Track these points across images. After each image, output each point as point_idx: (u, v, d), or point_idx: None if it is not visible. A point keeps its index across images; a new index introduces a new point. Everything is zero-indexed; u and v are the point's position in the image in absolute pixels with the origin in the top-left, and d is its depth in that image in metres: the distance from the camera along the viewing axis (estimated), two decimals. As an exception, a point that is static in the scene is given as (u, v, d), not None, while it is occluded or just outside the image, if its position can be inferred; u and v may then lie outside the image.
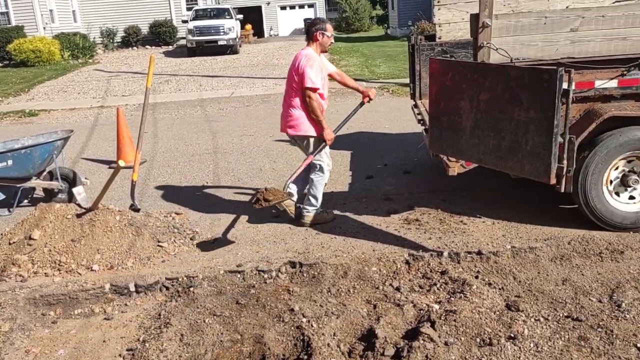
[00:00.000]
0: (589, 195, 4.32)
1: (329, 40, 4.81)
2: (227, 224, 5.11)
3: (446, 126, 4.18)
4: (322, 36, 4.74)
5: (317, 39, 4.74)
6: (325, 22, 4.87)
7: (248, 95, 13.01)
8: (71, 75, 18.49)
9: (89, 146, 8.66)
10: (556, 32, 4.19)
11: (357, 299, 3.81)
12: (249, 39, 30.03)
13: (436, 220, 4.92)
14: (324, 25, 4.77)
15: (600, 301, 3.63)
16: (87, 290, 4.11)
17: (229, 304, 3.85)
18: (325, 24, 4.81)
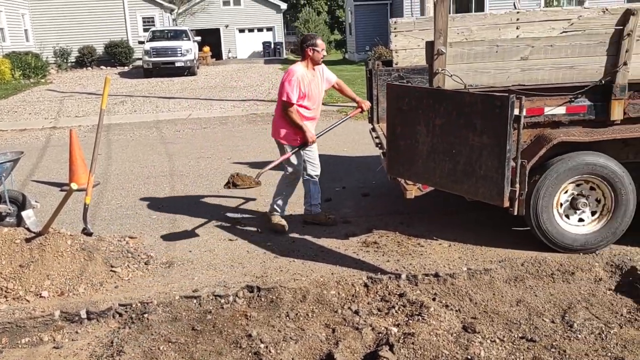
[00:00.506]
0: (541, 217, 4.44)
1: (319, 55, 5.00)
2: (183, 247, 5.01)
3: (403, 150, 4.24)
4: (313, 52, 4.96)
5: (308, 55, 4.99)
6: (316, 37, 5.09)
7: (205, 117, 12.92)
8: (22, 95, 17.98)
9: (39, 168, 8.40)
10: (507, 61, 4.33)
11: (316, 323, 3.79)
12: (207, 61, 29.97)
13: (394, 242, 4.96)
14: (314, 41, 4.99)
15: (553, 322, 3.72)
16: (35, 318, 3.94)
17: (184, 330, 3.76)
18: (315, 40, 5.03)
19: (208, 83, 20.11)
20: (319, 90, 5.15)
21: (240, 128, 11.35)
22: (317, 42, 5.01)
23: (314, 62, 5.04)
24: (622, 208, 4.44)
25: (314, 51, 4.97)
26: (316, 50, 4.97)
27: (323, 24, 40.48)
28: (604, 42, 4.31)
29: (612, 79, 4.36)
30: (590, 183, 4.47)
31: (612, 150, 4.48)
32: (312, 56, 4.99)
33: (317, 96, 5.10)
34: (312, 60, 5.03)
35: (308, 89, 4.98)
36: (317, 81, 5.10)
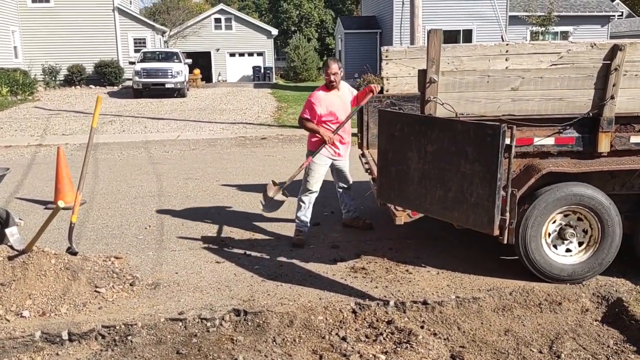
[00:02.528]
0: (529, 247, 4.46)
1: (327, 78, 5.51)
2: (169, 269, 4.95)
3: (394, 176, 4.26)
4: (324, 75, 5.59)
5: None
6: (329, 60, 5.61)
7: (194, 138, 12.91)
8: (8, 112, 17.86)
9: (24, 185, 8.29)
10: (498, 91, 4.39)
11: (303, 349, 3.74)
12: (197, 84, 30.04)
13: (382, 268, 4.94)
14: (326, 64, 5.59)
15: (541, 352, 3.71)
16: (15, 338, 3.84)
17: (169, 354, 3.69)
18: (328, 62, 5.59)
19: (198, 105, 20.13)
20: (343, 107, 5.57)
21: (229, 150, 11.34)
22: (327, 64, 5.55)
23: (327, 86, 5.54)
24: (608, 239, 4.47)
25: (324, 74, 5.60)
26: (325, 73, 5.56)
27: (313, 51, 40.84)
28: (592, 75, 4.40)
29: (599, 111, 4.43)
30: (578, 214, 4.51)
31: (599, 182, 4.53)
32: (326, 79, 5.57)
33: (339, 112, 5.51)
34: (325, 84, 5.58)
35: (325, 108, 5.47)
36: (339, 100, 5.56)
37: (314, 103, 5.52)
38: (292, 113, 17.08)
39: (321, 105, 5.50)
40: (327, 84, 5.53)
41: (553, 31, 24.44)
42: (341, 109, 5.56)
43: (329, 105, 5.51)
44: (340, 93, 5.60)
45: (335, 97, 5.56)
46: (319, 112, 5.48)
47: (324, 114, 5.49)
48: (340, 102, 5.58)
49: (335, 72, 5.45)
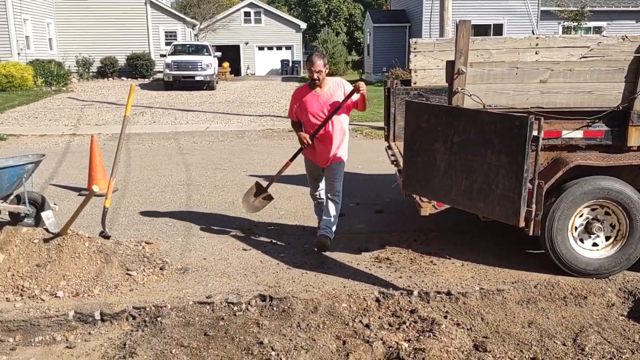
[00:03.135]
0: (555, 240, 4.44)
1: (310, 75, 4.89)
2: (197, 255, 5.07)
3: (420, 167, 4.28)
4: (308, 72, 4.94)
5: None
6: (312, 54, 4.93)
7: (223, 130, 13.07)
8: (43, 102, 18.30)
9: (58, 172, 8.53)
10: (526, 83, 4.37)
11: (327, 335, 3.80)
12: (225, 77, 30.32)
13: (407, 259, 4.98)
14: (309, 59, 4.89)
15: (565, 344, 3.71)
16: (49, 317, 4.00)
17: (196, 335, 3.79)
18: (311, 57, 4.88)
19: (226, 98, 20.34)
20: (323, 108, 4.96)
21: (257, 142, 11.47)
22: (312, 60, 4.84)
23: (310, 84, 4.99)
24: (636, 234, 4.43)
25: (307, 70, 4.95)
26: (308, 70, 4.94)
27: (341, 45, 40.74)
28: (622, 68, 4.34)
29: (629, 105, 4.38)
30: (606, 208, 4.48)
31: (628, 176, 4.49)
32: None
33: (316, 113, 4.96)
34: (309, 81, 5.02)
35: (302, 107, 5.02)
36: (317, 100, 4.96)
37: (292, 103, 5.14)
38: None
39: (297, 103, 5.07)
40: (311, 82, 4.96)
41: (586, 26, 23.97)
42: (319, 109, 4.96)
43: (305, 104, 5.00)
44: (322, 92, 4.96)
45: (314, 96, 4.98)
46: (295, 111, 5.11)
47: (300, 113, 5.07)
48: (319, 103, 4.96)
49: (319, 69, 4.82)
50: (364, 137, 12.03)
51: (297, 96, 5.09)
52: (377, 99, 19.06)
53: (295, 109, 5.11)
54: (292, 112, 5.17)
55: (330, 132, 5.02)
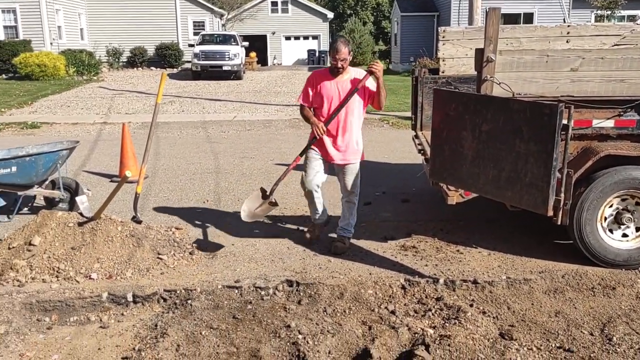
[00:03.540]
0: (584, 230, 4.40)
1: (334, 63, 4.61)
2: (226, 241, 5.16)
3: (447, 155, 4.28)
4: (330, 58, 4.67)
5: None
6: (336, 41, 4.62)
7: (250, 119, 13.17)
8: (75, 91, 18.66)
9: (90, 159, 8.73)
10: (557, 71, 4.33)
11: (353, 320, 3.85)
12: (252, 66, 30.44)
13: (433, 248, 4.99)
14: (330, 46, 4.79)
15: (592, 334, 3.68)
16: (84, 298, 4.13)
17: (225, 317, 3.88)
18: (335, 44, 4.60)
19: (253, 87, 20.45)
20: (339, 96, 4.64)
21: (284, 132, 11.53)
22: (337, 47, 4.54)
23: (331, 71, 4.68)
24: (669, 225, 4.36)
25: (330, 58, 4.68)
26: (331, 57, 4.63)
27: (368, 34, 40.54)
28: (657, 56, 4.27)
29: (664, 94, 4.30)
30: (636, 198, 4.42)
31: (661, 167, 4.41)
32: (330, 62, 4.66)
33: (332, 100, 4.64)
34: (329, 68, 4.71)
35: (319, 92, 4.68)
36: (338, 90, 4.64)
37: (308, 86, 4.74)
38: (346, 96, 17.10)
39: (314, 87, 4.69)
40: (332, 69, 4.63)
41: (619, 15, 23.38)
42: (338, 97, 4.64)
43: (323, 89, 4.65)
44: (343, 79, 4.64)
45: (335, 83, 4.64)
46: (311, 99, 4.73)
47: (315, 99, 4.71)
48: (338, 90, 4.63)
49: (344, 57, 4.52)
50: (390, 126, 12.00)
51: (316, 80, 4.71)
52: (404, 88, 19.03)
53: (312, 94, 4.72)
54: (307, 96, 4.75)
55: (345, 123, 4.66)
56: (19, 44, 22.50)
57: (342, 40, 4.59)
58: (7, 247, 4.54)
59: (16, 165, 5.45)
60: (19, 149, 5.83)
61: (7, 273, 4.33)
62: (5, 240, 4.65)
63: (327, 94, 4.65)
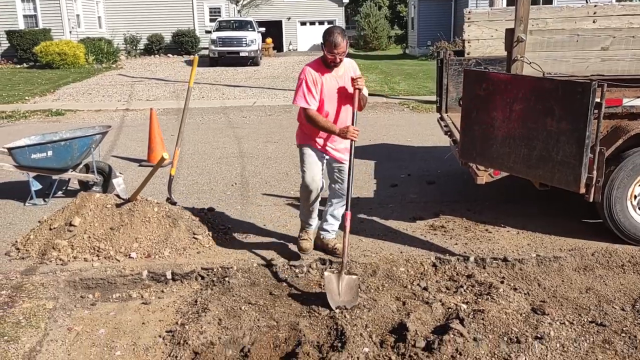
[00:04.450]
0: (614, 209, 4.44)
1: (331, 57, 4.00)
2: (257, 221, 5.27)
3: (478, 135, 4.34)
4: (323, 51, 4.05)
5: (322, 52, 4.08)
6: (333, 34, 3.98)
7: (270, 105, 13.25)
8: (95, 79, 18.86)
9: (117, 145, 8.89)
10: (587, 50, 4.35)
11: (387, 296, 3.95)
12: (269, 52, 30.46)
13: (461, 227, 5.06)
14: (328, 38, 3.98)
15: (624, 309, 3.74)
16: (125, 276, 4.27)
17: (263, 294, 4.00)
18: (331, 37, 3.97)
19: (271, 73, 20.50)
20: (341, 93, 4.18)
21: (304, 116, 11.58)
22: (334, 42, 3.94)
23: (325, 64, 4.10)
24: (699, 203, 4.38)
25: (323, 51, 4.03)
26: (327, 51, 4.00)
27: (384, 19, 40.30)
28: (689, 34, 4.27)
29: (695, 72, 4.31)
30: (667, 176, 4.44)
31: (692, 145, 4.43)
32: (325, 54, 4.04)
33: (335, 99, 4.17)
34: (323, 61, 4.11)
35: (321, 94, 4.11)
36: (336, 84, 4.15)
37: (309, 86, 4.05)
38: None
39: (317, 89, 4.09)
40: (327, 62, 4.07)
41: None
42: (336, 93, 4.16)
43: (323, 86, 4.10)
44: (339, 74, 4.16)
45: (333, 77, 4.13)
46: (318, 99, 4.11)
47: (324, 102, 4.14)
48: (337, 85, 4.15)
49: (343, 50, 4.00)
50: (410, 110, 12.01)
51: (314, 76, 4.07)
52: (423, 73, 19.00)
53: (316, 93, 4.08)
54: (313, 96, 4.06)
55: (344, 121, 4.21)
56: (38, 32, 22.75)
57: (338, 32, 4.00)
58: (49, 227, 4.69)
59: (52, 149, 5.60)
60: (53, 134, 5.98)
61: (49, 252, 4.48)
62: (46, 221, 4.81)
63: (330, 90, 4.13)
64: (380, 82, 17.07)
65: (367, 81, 16.63)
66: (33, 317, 3.69)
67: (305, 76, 4.09)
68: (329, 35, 4.00)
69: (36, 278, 4.17)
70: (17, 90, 15.77)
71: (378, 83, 16.94)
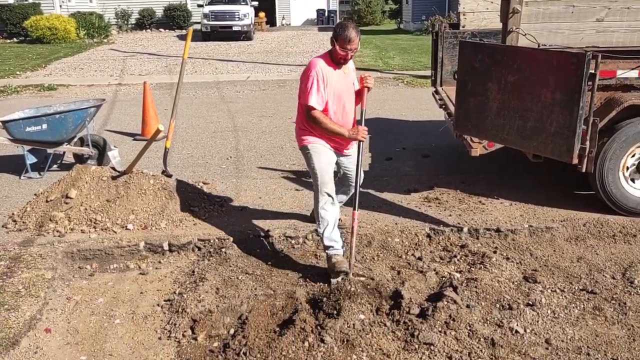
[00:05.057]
0: (606, 180, 4.50)
1: (343, 54, 3.74)
2: (253, 194, 5.30)
3: (472, 107, 4.36)
4: (334, 46, 3.76)
5: (331, 48, 3.81)
6: (347, 28, 3.70)
7: (264, 79, 13.17)
8: (87, 54, 18.64)
9: (111, 119, 8.85)
10: (582, 22, 4.35)
11: (382, 265, 4.01)
12: (262, 27, 30.09)
13: (455, 199, 5.11)
14: (340, 34, 3.69)
15: (614, 278, 3.82)
16: (122, 247, 4.31)
17: (259, 264, 4.05)
18: (344, 32, 3.68)
19: (264, 48, 20.32)
20: (349, 91, 3.97)
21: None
22: (348, 35, 3.67)
23: (334, 60, 3.81)
24: (690, 174, 4.44)
25: (333, 45, 3.75)
26: (336, 46, 3.73)
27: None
28: (683, 5, 4.28)
29: (689, 44, 4.33)
30: (659, 148, 4.49)
31: (684, 117, 4.47)
32: (334, 50, 3.76)
33: (345, 98, 3.92)
34: (334, 56, 3.80)
35: (331, 92, 3.82)
36: (344, 82, 3.92)
37: (319, 84, 3.73)
38: (357, 56, 16.99)
39: (327, 87, 3.78)
40: (337, 59, 3.78)
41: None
42: (344, 92, 3.91)
43: (333, 83, 3.81)
44: (347, 71, 3.93)
45: (341, 75, 3.88)
46: (326, 98, 3.80)
47: (329, 101, 3.83)
48: (345, 83, 3.92)
49: (356, 47, 3.75)
50: (405, 85, 11.98)
51: (324, 73, 3.76)
52: (417, 47, 18.90)
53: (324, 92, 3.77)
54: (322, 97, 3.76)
55: (348, 121, 3.99)
56: (28, 7, 22.37)
57: (353, 26, 3.72)
58: (45, 200, 4.70)
59: (47, 122, 5.58)
60: (47, 107, 5.95)
61: (47, 224, 4.50)
62: (42, 194, 4.82)
63: (337, 89, 3.85)
64: (375, 57, 16.97)
65: (361, 56, 16.62)
66: (32, 286, 3.73)
67: (316, 73, 3.74)
68: (343, 29, 3.70)
69: (34, 249, 4.20)
70: (7, 65, 15.58)
71: (372, 58, 16.84)
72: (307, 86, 3.75)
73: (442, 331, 3.15)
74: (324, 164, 3.90)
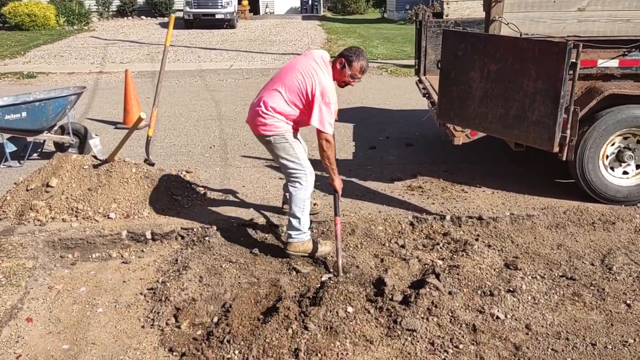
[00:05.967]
0: (586, 168, 4.56)
1: (346, 80, 3.75)
2: (236, 183, 5.28)
3: (455, 96, 4.38)
4: (343, 69, 3.70)
5: (335, 67, 3.73)
6: (360, 56, 3.70)
7: (247, 68, 13.09)
8: (67, 41, 18.35)
9: (92, 108, 8.74)
10: (564, 11, 4.39)
11: (365, 253, 4.03)
12: (245, 15, 29.85)
13: (438, 188, 5.14)
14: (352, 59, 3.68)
15: (593, 264, 3.89)
16: (104, 236, 4.28)
17: (243, 253, 4.05)
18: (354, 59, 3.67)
19: (248, 36, 20.17)
20: None
21: (282, 79, 11.48)
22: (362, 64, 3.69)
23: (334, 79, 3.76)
24: (667, 163, 4.52)
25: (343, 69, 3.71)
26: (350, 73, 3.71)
27: (362, -18, 39.70)
28: (663, -4, 4.33)
29: (668, 34, 4.38)
30: (638, 136, 4.56)
31: (662, 106, 4.53)
32: (339, 71, 3.72)
33: None
34: (336, 76, 3.76)
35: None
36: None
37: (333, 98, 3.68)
38: (342, 45, 16.94)
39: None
40: (339, 82, 3.78)
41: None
42: None
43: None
44: None
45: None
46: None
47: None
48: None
49: (364, 72, 3.79)
50: (389, 74, 11.99)
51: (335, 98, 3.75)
52: (401, 37, 18.89)
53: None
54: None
55: None
56: (6, -8, 21.93)
57: (365, 57, 3.75)
58: (26, 188, 4.64)
59: (26, 110, 5.50)
60: (27, 95, 5.85)
61: (27, 213, 4.45)
62: (22, 182, 4.75)
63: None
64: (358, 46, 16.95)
65: (345, 45, 16.55)
66: (13, 275, 3.69)
67: (331, 98, 3.63)
68: (359, 58, 3.66)
69: (14, 238, 4.15)
70: (-15, 52, 15.30)
71: (356, 47, 16.80)
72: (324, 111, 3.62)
73: (425, 317, 3.18)
74: (302, 152, 3.93)
